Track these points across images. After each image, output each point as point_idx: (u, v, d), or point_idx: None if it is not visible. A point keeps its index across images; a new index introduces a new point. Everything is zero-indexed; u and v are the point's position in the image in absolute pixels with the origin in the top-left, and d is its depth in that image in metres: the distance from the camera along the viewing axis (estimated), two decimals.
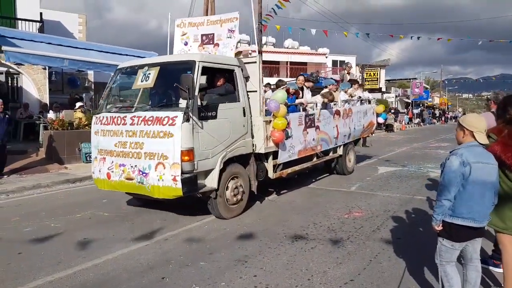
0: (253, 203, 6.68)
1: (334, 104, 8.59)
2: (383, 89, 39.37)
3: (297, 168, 7.43)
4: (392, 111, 32.15)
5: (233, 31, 6.39)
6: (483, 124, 2.88)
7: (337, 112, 8.51)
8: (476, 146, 2.85)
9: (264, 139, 6.17)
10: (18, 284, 3.78)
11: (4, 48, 10.19)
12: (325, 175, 9.34)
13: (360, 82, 11.47)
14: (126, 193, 6.26)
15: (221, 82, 5.96)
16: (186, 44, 6.87)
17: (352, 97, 9.73)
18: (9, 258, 4.48)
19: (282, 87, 7.48)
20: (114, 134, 5.61)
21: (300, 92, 7.91)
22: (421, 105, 47.36)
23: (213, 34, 6.58)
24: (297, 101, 7.54)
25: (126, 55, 13.23)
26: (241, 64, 6.08)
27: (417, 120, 40.24)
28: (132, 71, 6.08)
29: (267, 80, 10.28)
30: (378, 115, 10.71)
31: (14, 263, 4.32)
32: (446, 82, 64.25)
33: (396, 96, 44.04)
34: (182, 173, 4.99)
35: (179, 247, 4.74)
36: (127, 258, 4.43)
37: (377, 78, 35.68)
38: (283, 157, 6.67)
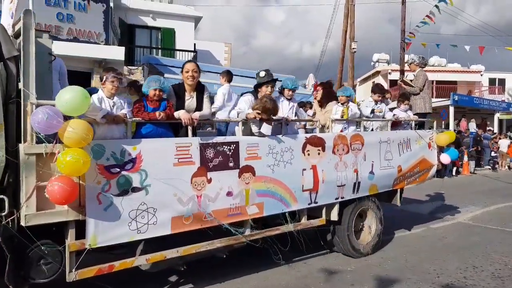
0: (393, 236, 6.10)
1: (320, 126, 4.88)
2: None
3: (176, 253, 3.65)
4: None
5: None
6: None
7: (315, 142, 4.55)
8: None
9: (29, 193, 2.95)
10: None
11: (166, 75, 11.91)
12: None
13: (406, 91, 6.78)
14: None
15: None
16: (12, 16, 4.15)
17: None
18: None
19: (110, 75, 3.47)
20: None
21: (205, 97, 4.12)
22: None
23: None
24: (179, 114, 3.74)
25: None
26: None
27: None
28: None
29: None
30: (441, 150, 6.17)
31: None
32: None
33: None
34: None
35: (318, 274, 4.59)
36: (265, 278, 4.46)
37: None
38: (109, 235, 3.26)
